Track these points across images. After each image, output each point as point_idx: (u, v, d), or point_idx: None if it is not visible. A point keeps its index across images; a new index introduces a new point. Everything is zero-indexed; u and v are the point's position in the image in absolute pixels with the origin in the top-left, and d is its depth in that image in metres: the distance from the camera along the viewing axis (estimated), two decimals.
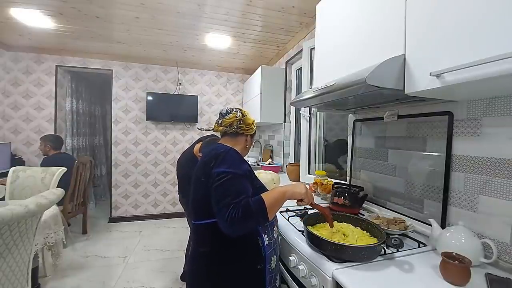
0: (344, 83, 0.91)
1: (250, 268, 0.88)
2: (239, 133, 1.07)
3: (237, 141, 1.07)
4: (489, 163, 0.88)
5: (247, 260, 0.88)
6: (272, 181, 1.88)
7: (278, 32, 2.58)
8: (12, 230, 1.07)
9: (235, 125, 1.05)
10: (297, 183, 0.99)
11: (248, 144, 1.12)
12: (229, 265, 0.87)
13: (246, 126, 1.07)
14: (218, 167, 0.85)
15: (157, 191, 3.76)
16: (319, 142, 2.39)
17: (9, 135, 3.19)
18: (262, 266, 0.88)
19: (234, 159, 0.90)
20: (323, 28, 1.37)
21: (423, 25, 0.78)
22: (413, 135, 1.21)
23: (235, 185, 0.82)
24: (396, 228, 1.05)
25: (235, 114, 1.06)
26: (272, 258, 0.92)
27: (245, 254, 0.88)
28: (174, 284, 2.12)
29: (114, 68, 3.51)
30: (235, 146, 1.03)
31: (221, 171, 0.84)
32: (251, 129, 1.10)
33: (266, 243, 0.90)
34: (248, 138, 1.11)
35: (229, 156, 0.89)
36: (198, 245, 0.93)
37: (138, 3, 2.06)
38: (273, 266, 0.92)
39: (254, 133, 1.13)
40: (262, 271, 0.89)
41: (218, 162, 0.86)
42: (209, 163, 0.88)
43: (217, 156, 0.89)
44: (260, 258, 0.88)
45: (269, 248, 0.91)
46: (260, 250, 0.89)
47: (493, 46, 0.59)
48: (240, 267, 0.87)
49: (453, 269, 0.73)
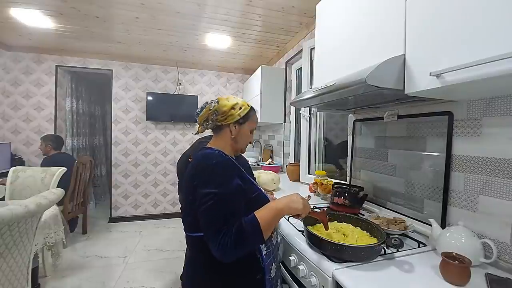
0: (344, 83, 0.91)
1: (249, 279, 0.83)
2: (219, 126, 0.92)
3: (222, 136, 0.93)
4: (489, 163, 0.88)
5: (244, 272, 0.82)
6: (272, 181, 1.88)
7: (278, 32, 2.58)
8: (12, 230, 1.07)
9: (210, 118, 0.91)
10: (293, 196, 0.86)
11: (235, 135, 0.92)
12: (226, 276, 0.81)
13: (221, 116, 0.90)
14: (203, 186, 0.76)
15: (157, 191, 3.76)
16: (319, 142, 2.39)
17: (9, 135, 3.19)
18: (261, 277, 0.84)
19: (220, 175, 0.77)
20: (323, 28, 1.37)
21: (423, 25, 0.78)
22: (413, 135, 1.21)
23: (222, 209, 0.73)
24: (396, 228, 1.05)
25: (208, 107, 0.91)
26: (272, 267, 0.87)
27: (243, 266, 0.82)
28: (174, 284, 2.12)
29: (114, 68, 3.51)
30: (222, 145, 0.92)
31: (207, 193, 0.74)
32: (231, 116, 0.90)
33: (264, 253, 0.85)
34: (232, 128, 0.91)
35: (215, 172, 0.77)
36: (192, 253, 0.89)
37: (138, 3, 2.06)
38: (273, 275, 0.87)
39: (241, 119, 0.92)
40: (261, 281, 0.84)
41: (203, 180, 0.76)
42: (194, 179, 0.78)
43: (203, 171, 0.78)
44: (259, 269, 0.84)
45: (267, 258, 0.86)
46: (258, 261, 0.84)
47: (493, 46, 0.59)
48: (238, 277, 0.82)
49: (453, 269, 0.73)
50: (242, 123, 0.93)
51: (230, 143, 0.93)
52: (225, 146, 0.93)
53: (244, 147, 0.98)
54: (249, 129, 0.96)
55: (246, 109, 0.93)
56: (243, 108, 0.93)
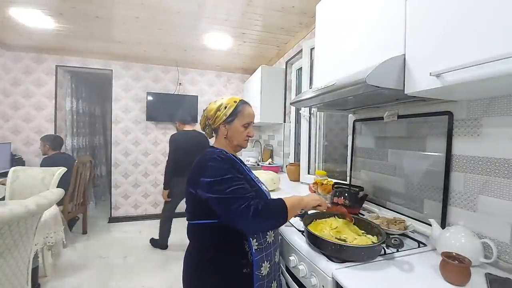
0: (344, 83, 0.91)
1: (235, 271, 0.85)
2: (214, 128, 0.99)
3: (219, 137, 0.99)
4: (489, 163, 0.88)
5: (231, 262, 0.86)
6: (272, 181, 1.88)
7: (278, 32, 2.58)
8: (12, 230, 1.07)
9: (206, 124, 1.00)
10: (311, 194, 0.97)
11: (228, 134, 0.96)
12: (215, 264, 0.87)
13: (211, 120, 0.96)
14: (205, 178, 0.83)
15: (157, 191, 3.75)
16: (319, 142, 2.39)
17: (9, 135, 3.19)
18: (248, 271, 0.85)
19: (219, 167, 0.84)
20: (323, 28, 1.37)
21: (423, 25, 0.78)
22: (413, 135, 1.21)
23: (235, 187, 0.81)
24: (396, 228, 1.05)
25: (203, 114, 1.00)
26: (263, 264, 0.88)
27: (230, 256, 0.86)
28: (174, 284, 2.12)
29: (114, 68, 3.51)
30: (222, 144, 0.99)
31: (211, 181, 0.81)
32: (218, 117, 0.94)
33: (254, 248, 0.86)
34: (222, 128, 0.96)
35: (214, 165, 0.84)
36: (190, 242, 0.96)
37: (138, 3, 2.06)
38: (264, 273, 0.87)
39: (229, 118, 0.94)
40: (249, 276, 0.85)
41: (206, 173, 0.83)
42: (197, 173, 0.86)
43: (204, 165, 0.86)
44: (247, 263, 0.85)
45: (258, 254, 0.87)
46: (247, 255, 0.85)
47: (493, 46, 0.59)
48: (224, 267, 0.86)
49: (453, 269, 0.73)
50: (231, 121, 0.95)
51: (227, 142, 0.99)
52: (224, 145, 0.99)
53: (242, 143, 1.00)
54: (241, 124, 0.96)
55: (232, 106, 0.95)
56: (228, 106, 0.94)
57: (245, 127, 0.97)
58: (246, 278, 0.85)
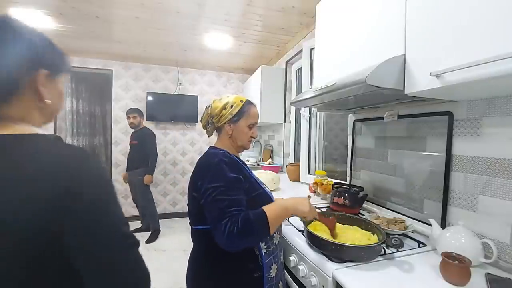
0: (344, 83, 0.91)
1: (247, 275, 0.84)
2: (217, 127, 0.95)
3: (223, 136, 0.96)
4: (489, 163, 0.88)
5: (242, 267, 0.84)
6: (272, 181, 1.88)
7: (278, 32, 2.58)
8: None
9: (209, 122, 0.95)
10: (300, 199, 0.89)
11: (231, 133, 0.93)
12: (225, 270, 0.84)
13: (215, 118, 0.92)
14: (205, 182, 0.80)
15: (157, 191, 3.75)
16: (319, 142, 2.39)
17: None
18: (259, 274, 0.84)
19: (220, 170, 0.81)
20: (323, 28, 1.37)
21: (423, 25, 0.78)
22: (413, 135, 1.21)
23: (225, 199, 0.76)
24: (396, 228, 1.05)
25: (206, 111, 0.96)
26: (272, 266, 0.87)
27: (241, 261, 0.83)
28: (174, 284, 2.12)
29: (114, 68, 3.51)
30: (225, 144, 0.95)
31: (208, 187, 0.78)
32: (223, 116, 0.91)
33: (263, 251, 0.85)
34: (227, 127, 0.93)
35: (216, 168, 0.81)
36: (194, 246, 0.92)
37: (138, 3, 2.06)
38: (272, 275, 0.87)
39: (234, 117, 0.92)
40: (260, 279, 0.84)
41: (205, 177, 0.81)
42: (198, 176, 0.84)
43: (205, 168, 0.83)
44: (257, 267, 0.84)
45: (267, 257, 0.86)
46: (257, 259, 0.84)
47: (493, 46, 0.59)
48: (235, 272, 0.84)
49: (453, 269, 0.73)
50: (236, 120, 0.93)
51: (230, 142, 0.96)
52: (228, 145, 0.96)
53: (246, 143, 0.98)
54: (246, 124, 0.94)
55: (238, 105, 0.92)
56: (234, 105, 0.92)
57: (250, 127, 0.95)
58: (257, 282, 0.84)
